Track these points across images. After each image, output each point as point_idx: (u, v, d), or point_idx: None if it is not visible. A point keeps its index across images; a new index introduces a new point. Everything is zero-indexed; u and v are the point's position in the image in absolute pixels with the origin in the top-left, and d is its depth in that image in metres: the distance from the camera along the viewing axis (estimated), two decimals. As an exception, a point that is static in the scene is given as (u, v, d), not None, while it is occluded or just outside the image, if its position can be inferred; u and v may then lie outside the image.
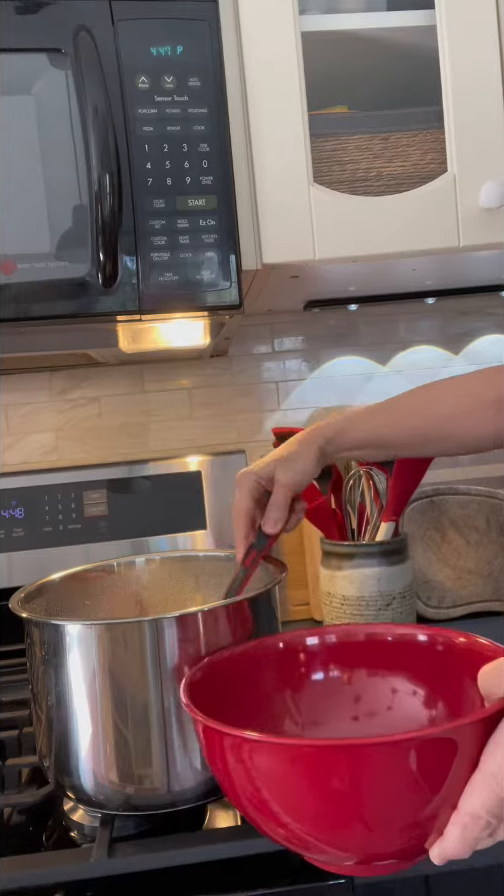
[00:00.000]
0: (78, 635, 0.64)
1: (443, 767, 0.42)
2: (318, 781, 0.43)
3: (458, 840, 0.42)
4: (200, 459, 1.17)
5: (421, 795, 0.42)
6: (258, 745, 0.44)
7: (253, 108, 0.87)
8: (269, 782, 0.45)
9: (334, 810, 0.44)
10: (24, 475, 1.14)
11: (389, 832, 0.44)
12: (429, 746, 0.41)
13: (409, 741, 0.41)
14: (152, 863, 0.59)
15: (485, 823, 0.41)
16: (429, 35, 0.90)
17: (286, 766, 0.44)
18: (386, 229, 0.89)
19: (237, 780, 0.47)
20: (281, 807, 0.45)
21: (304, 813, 0.45)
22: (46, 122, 0.77)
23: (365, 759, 0.42)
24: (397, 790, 0.42)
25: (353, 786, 0.42)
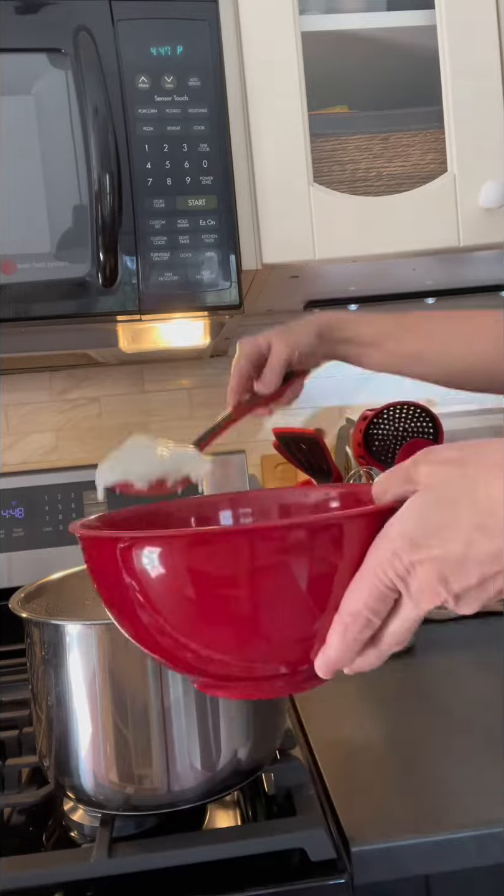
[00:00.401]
0: (78, 635, 0.64)
1: (329, 565, 0.40)
2: (210, 575, 0.40)
3: (338, 643, 0.40)
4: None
5: (305, 596, 0.41)
6: (142, 540, 0.41)
7: (253, 108, 0.87)
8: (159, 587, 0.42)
9: (223, 611, 0.41)
10: (24, 475, 1.14)
11: (278, 640, 0.42)
12: (318, 533, 0.40)
13: (299, 525, 0.40)
14: (152, 863, 0.59)
15: (365, 621, 0.40)
16: (429, 35, 0.90)
17: (176, 559, 0.41)
18: (386, 229, 0.90)
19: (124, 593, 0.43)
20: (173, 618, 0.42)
21: (193, 619, 0.42)
22: (46, 122, 0.77)
23: (256, 543, 0.40)
24: (285, 587, 0.40)
25: (243, 578, 0.40)
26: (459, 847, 0.61)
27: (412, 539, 0.38)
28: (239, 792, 0.71)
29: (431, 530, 0.38)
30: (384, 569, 0.38)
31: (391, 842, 0.61)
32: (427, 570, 0.38)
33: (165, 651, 0.45)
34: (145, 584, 0.42)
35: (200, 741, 0.64)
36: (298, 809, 0.64)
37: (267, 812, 0.68)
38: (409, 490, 0.40)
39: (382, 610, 0.40)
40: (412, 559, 0.38)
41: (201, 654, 0.44)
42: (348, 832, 0.61)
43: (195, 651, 0.43)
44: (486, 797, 0.65)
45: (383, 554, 0.39)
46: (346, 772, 0.71)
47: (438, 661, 0.94)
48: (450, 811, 0.63)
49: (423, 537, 0.38)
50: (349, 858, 0.60)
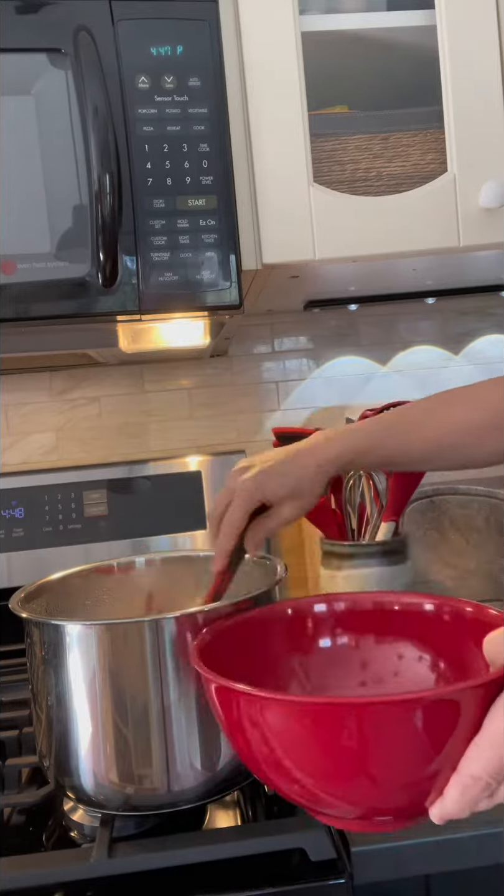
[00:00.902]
0: (78, 635, 0.64)
1: (446, 728, 0.43)
2: (327, 738, 0.45)
3: (457, 800, 0.43)
4: (200, 459, 1.17)
5: (424, 755, 0.44)
6: (271, 702, 0.46)
7: (253, 107, 0.87)
8: (280, 739, 0.46)
9: (342, 766, 0.45)
10: (24, 475, 1.14)
11: (392, 789, 0.46)
12: (433, 707, 0.43)
13: (415, 701, 0.43)
14: (152, 863, 0.59)
15: (484, 785, 0.42)
16: (429, 35, 0.90)
17: (298, 723, 0.45)
18: (386, 229, 0.89)
19: (250, 739, 0.48)
20: (292, 762, 0.47)
21: (313, 768, 0.46)
22: (46, 122, 0.77)
23: (372, 716, 0.43)
24: (401, 748, 0.44)
25: (360, 743, 0.44)
26: (459, 847, 0.61)
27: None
28: (239, 792, 0.71)
29: None
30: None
31: (391, 842, 0.61)
32: None
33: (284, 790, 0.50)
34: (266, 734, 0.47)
35: (200, 741, 0.64)
36: (298, 810, 0.64)
37: (267, 812, 0.68)
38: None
39: (502, 776, 0.42)
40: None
41: (321, 799, 0.48)
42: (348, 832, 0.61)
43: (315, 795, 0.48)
44: (486, 797, 0.65)
45: (502, 724, 0.41)
46: (346, 772, 0.71)
47: (438, 661, 0.94)
48: (450, 811, 0.63)
49: None
50: (349, 858, 0.60)
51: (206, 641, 0.58)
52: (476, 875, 0.63)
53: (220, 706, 0.51)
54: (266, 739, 0.47)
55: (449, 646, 0.60)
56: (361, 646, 0.65)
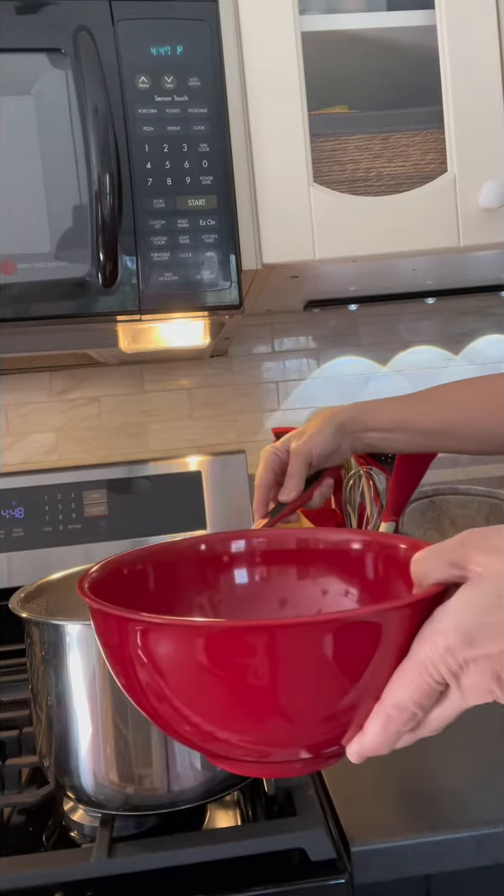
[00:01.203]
0: (78, 635, 0.64)
1: (366, 654, 0.38)
2: (230, 667, 0.38)
3: (378, 733, 0.39)
4: (200, 459, 1.17)
5: (341, 684, 0.39)
6: (162, 628, 0.39)
7: (253, 107, 0.87)
8: (178, 674, 0.40)
9: (248, 701, 0.39)
10: (24, 475, 1.14)
11: (306, 725, 0.40)
12: (351, 630, 0.38)
13: (330, 622, 0.38)
14: (152, 863, 0.59)
15: (409, 716, 0.39)
16: (429, 35, 0.90)
17: (193, 652, 0.39)
18: (386, 229, 0.89)
19: (139, 676, 0.41)
20: (191, 704, 0.40)
21: (214, 706, 0.40)
22: (46, 122, 0.77)
23: (283, 640, 0.38)
24: (316, 677, 0.38)
25: (270, 671, 0.38)
26: (459, 847, 0.61)
27: (467, 635, 0.37)
28: (239, 792, 0.71)
29: (488, 627, 0.37)
30: (435, 664, 0.38)
31: (391, 842, 0.61)
32: (482, 667, 0.37)
33: (178, 734, 0.43)
34: (161, 669, 0.40)
35: (200, 741, 0.64)
36: (298, 809, 0.64)
37: (267, 812, 0.68)
38: (456, 575, 0.39)
39: (429, 704, 0.39)
40: (466, 656, 0.37)
41: (221, 738, 0.42)
42: (348, 832, 0.61)
43: (214, 734, 0.42)
44: (486, 797, 0.65)
45: (434, 649, 0.38)
46: (346, 772, 0.71)
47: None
48: (450, 811, 0.63)
49: (480, 634, 0.37)
50: (349, 858, 0.60)
51: (97, 577, 0.49)
52: (476, 875, 0.63)
53: (103, 640, 0.43)
54: (154, 675, 0.40)
55: (378, 583, 0.54)
56: (281, 582, 0.57)
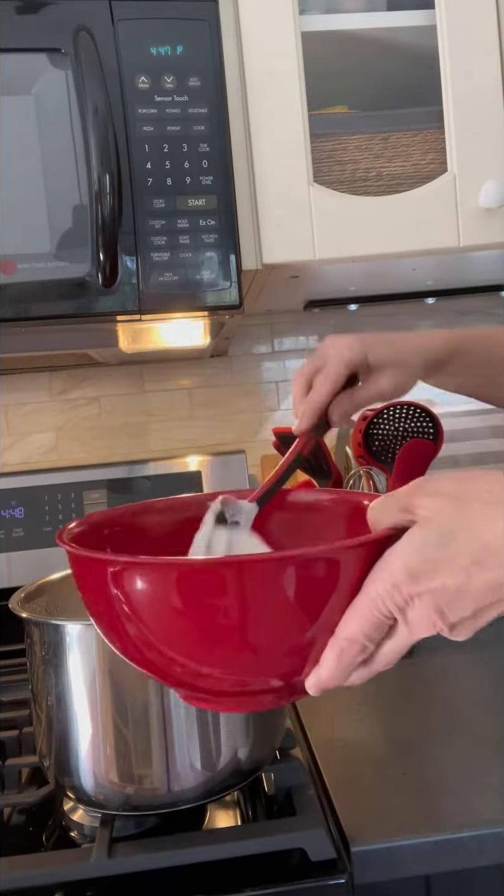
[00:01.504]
0: (78, 635, 0.64)
1: (325, 590, 0.41)
2: (200, 601, 0.41)
3: (333, 665, 0.42)
4: (200, 459, 1.17)
5: (302, 619, 0.42)
6: (133, 567, 0.42)
7: (253, 107, 0.87)
8: (151, 609, 0.42)
9: (217, 635, 0.42)
10: (24, 475, 1.14)
11: (270, 659, 0.43)
12: (312, 565, 0.41)
13: (292, 558, 0.41)
14: (152, 863, 0.59)
15: (361, 647, 0.41)
16: (429, 35, 0.90)
17: (168, 588, 0.41)
18: (386, 229, 0.89)
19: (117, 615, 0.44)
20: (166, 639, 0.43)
21: (190, 641, 0.43)
22: (46, 122, 0.77)
23: (248, 575, 0.40)
24: (279, 612, 0.41)
25: (237, 604, 0.41)
26: (459, 847, 0.61)
27: (412, 572, 0.39)
28: (239, 792, 0.71)
29: (431, 564, 0.39)
30: (383, 599, 0.40)
31: (391, 842, 0.61)
32: (425, 601, 0.40)
33: (154, 666, 0.46)
34: (134, 605, 0.42)
35: (200, 741, 0.64)
36: (298, 809, 0.64)
37: (267, 812, 0.68)
38: (406, 519, 0.41)
39: (378, 637, 0.41)
40: (411, 591, 0.40)
41: (192, 670, 0.44)
42: (348, 832, 0.61)
43: (185, 667, 0.44)
44: (486, 797, 0.65)
45: (382, 585, 0.40)
46: (346, 772, 0.71)
47: (438, 661, 0.94)
48: (450, 811, 0.64)
49: (423, 571, 0.39)
50: (349, 858, 0.60)
51: (77, 532, 0.52)
52: (476, 875, 0.63)
53: (82, 584, 0.46)
54: (130, 613, 0.43)
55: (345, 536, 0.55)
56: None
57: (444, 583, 0.39)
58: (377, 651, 0.42)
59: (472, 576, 0.39)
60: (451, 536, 0.39)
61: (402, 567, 0.40)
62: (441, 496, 0.40)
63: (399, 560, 0.40)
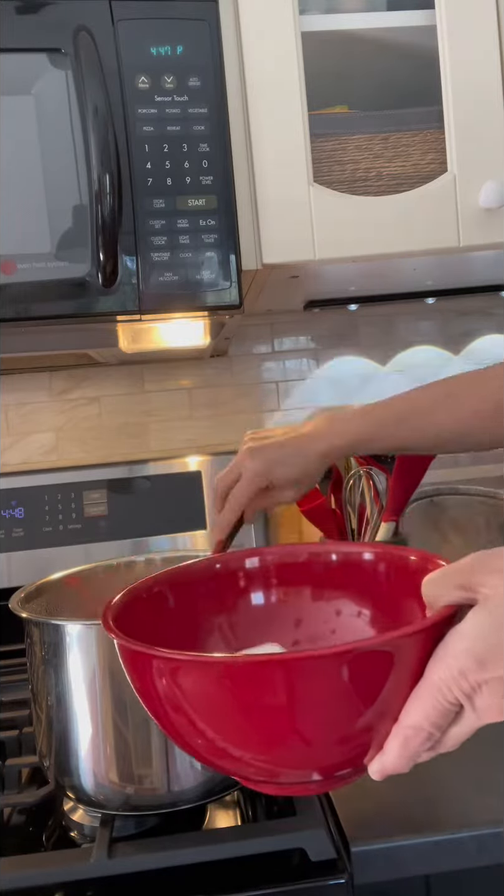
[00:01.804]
0: (78, 635, 0.64)
1: (379, 680, 0.40)
2: (250, 700, 0.40)
3: (398, 753, 0.41)
4: (200, 459, 1.17)
5: (357, 709, 0.40)
6: (185, 664, 0.41)
7: (253, 108, 0.87)
8: (200, 705, 0.42)
9: (270, 728, 0.41)
10: (24, 475, 1.14)
11: (327, 748, 0.42)
12: (364, 659, 0.39)
13: (343, 654, 0.39)
14: (152, 863, 0.59)
15: (426, 735, 0.40)
16: (429, 35, 0.90)
17: (216, 685, 0.41)
18: (386, 229, 0.89)
19: (167, 706, 0.43)
20: (216, 731, 0.42)
21: (240, 735, 0.42)
22: (46, 122, 0.77)
23: (298, 673, 0.39)
24: (333, 705, 0.40)
25: (288, 701, 0.40)
26: (459, 847, 0.61)
27: (479, 658, 0.38)
28: (239, 792, 0.71)
29: (498, 649, 0.38)
30: (449, 686, 0.39)
31: (391, 842, 0.61)
32: (493, 688, 0.38)
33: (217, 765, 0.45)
34: (181, 696, 0.42)
35: (200, 741, 0.64)
36: (298, 809, 0.64)
37: (267, 812, 0.68)
38: (466, 598, 0.40)
39: (444, 724, 0.40)
40: (479, 679, 0.38)
41: (257, 768, 0.44)
42: (348, 832, 0.61)
43: (248, 764, 0.44)
44: (486, 797, 0.65)
45: (448, 672, 0.39)
46: (346, 772, 0.71)
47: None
48: (450, 811, 0.63)
49: (491, 657, 0.38)
50: (349, 858, 0.60)
51: (119, 605, 0.51)
52: (476, 875, 0.63)
53: (134, 673, 0.45)
54: (182, 705, 0.42)
55: (390, 600, 0.55)
56: (295, 602, 0.59)
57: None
58: (442, 736, 0.41)
59: None
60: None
61: (467, 653, 0.38)
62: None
63: (464, 645, 0.39)
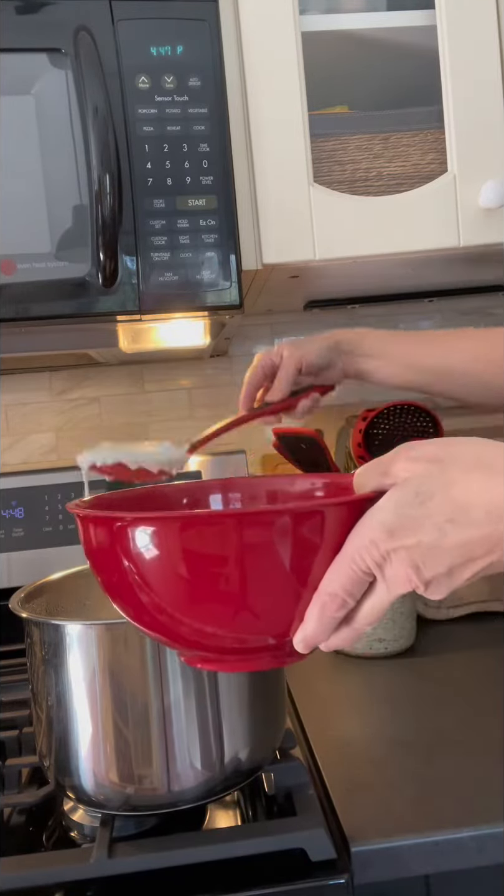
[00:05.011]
0: (78, 635, 0.64)
1: (310, 547, 0.43)
2: (200, 552, 0.43)
3: (316, 620, 0.43)
4: (200, 459, 1.17)
5: (289, 574, 0.43)
6: (140, 521, 0.43)
7: (253, 108, 0.87)
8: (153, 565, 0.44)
9: (213, 587, 0.44)
10: (24, 475, 1.14)
11: (265, 616, 0.45)
12: (300, 519, 0.42)
13: (283, 511, 0.43)
14: (152, 863, 0.59)
15: (341, 602, 0.43)
16: (429, 35, 0.90)
17: (172, 540, 0.43)
18: (386, 229, 0.90)
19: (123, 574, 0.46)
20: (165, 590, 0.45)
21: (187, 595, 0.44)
22: (46, 122, 0.77)
23: (245, 528, 0.42)
24: (272, 567, 0.43)
25: (232, 559, 0.43)
26: (459, 847, 0.61)
27: (389, 529, 0.41)
28: (239, 792, 0.71)
29: (407, 521, 0.40)
30: (361, 555, 0.42)
31: (391, 842, 0.61)
32: (401, 557, 0.41)
33: (161, 626, 0.47)
34: (141, 562, 0.44)
35: (200, 741, 0.64)
36: (298, 809, 0.64)
37: (267, 812, 0.68)
38: (388, 483, 0.43)
39: (357, 592, 0.43)
40: (388, 547, 0.41)
41: (194, 628, 0.46)
42: (348, 832, 0.61)
43: (188, 625, 0.46)
44: (486, 797, 0.65)
45: (361, 541, 0.42)
46: (346, 772, 0.71)
47: (438, 661, 0.94)
48: (450, 811, 0.64)
49: (399, 527, 0.40)
50: (349, 858, 0.60)
51: (93, 502, 0.57)
52: (476, 875, 0.63)
53: (90, 545, 0.48)
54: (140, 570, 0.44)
55: None
56: None
57: (420, 539, 0.40)
58: (358, 608, 0.43)
59: (446, 533, 0.40)
60: (428, 495, 0.40)
61: (379, 524, 0.41)
62: (422, 460, 0.42)
63: (377, 518, 0.41)
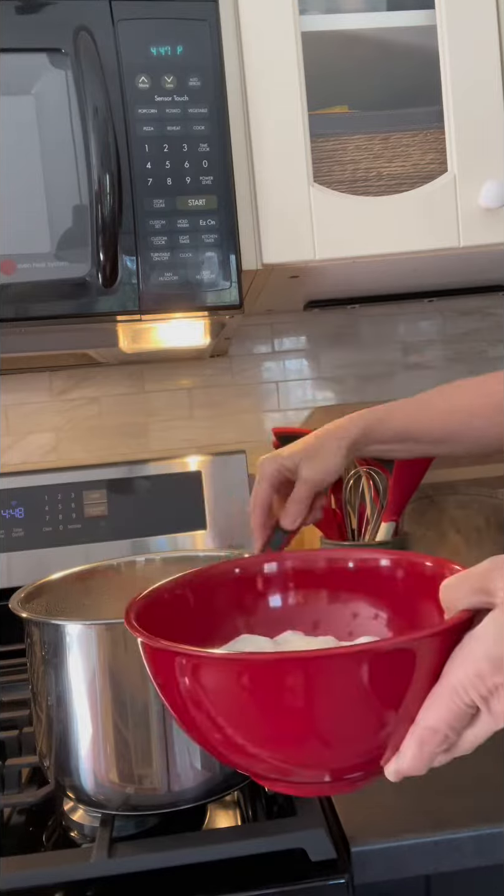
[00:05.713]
0: (78, 635, 0.64)
1: (401, 681, 0.40)
2: (268, 697, 0.41)
3: (414, 755, 0.41)
4: (200, 459, 1.17)
5: (379, 711, 0.41)
6: (207, 661, 0.42)
7: (253, 108, 0.87)
8: (219, 702, 0.42)
9: (289, 727, 0.41)
10: (24, 475, 1.14)
11: (347, 749, 0.43)
12: (385, 658, 0.40)
13: (364, 652, 0.40)
14: (152, 863, 0.59)
15: (442, 738, 0.40)
16: (429, 35, 0.90)
17: (235, 682, 0.41)
18: (386, 229, 0.89)
19: (187, 703, 0.44)
20: (234, 728, 0.43)
21: (257, 732, 0.43)
22: (46, 122, 0.77)
23: (316, 671, 0.39)
24: (354, 705, 0.40)
25: (306, 700, 0.40)
26: (459, 847, 0.61)
27: (496, 661, 0.38)
28: (239, 792, 0.71)
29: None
30: (466, 689, 0.39)
31: (391, 842, 0.61)
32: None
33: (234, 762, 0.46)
34: (205, 695, 0.42)
35: (200, 741, 0.64)
36: (298, 809, 0.64)
37: (267, 812, 0.68)
38: (484, 602, 0.40)
39: (460, 727, 0.40)
40: (495, 681, 0.38)
41: (272, 765, 0.44)
42: (348, 832, 0.61)
43: (266, 761, 0.44)
44: (486, 797, 0.65)
45: (465, 674, 0.39)
46: (346, 772, 0.71)
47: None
48: (450, 811, 0.64)
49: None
50: (349, 858, 0.60)
51: (144, 603, 0.53)
52: (476, 875, 0.63)
53: (156, 671, 0.46)
54: (202, 702, 0.42)
55: (406, 603, 0.55)
56: (313, 605, 0.60)
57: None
58: (458, 738, 0.41)
59: None
60: None
61: (485, 656, 0.39)
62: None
63: (481, 648, 0.39)
